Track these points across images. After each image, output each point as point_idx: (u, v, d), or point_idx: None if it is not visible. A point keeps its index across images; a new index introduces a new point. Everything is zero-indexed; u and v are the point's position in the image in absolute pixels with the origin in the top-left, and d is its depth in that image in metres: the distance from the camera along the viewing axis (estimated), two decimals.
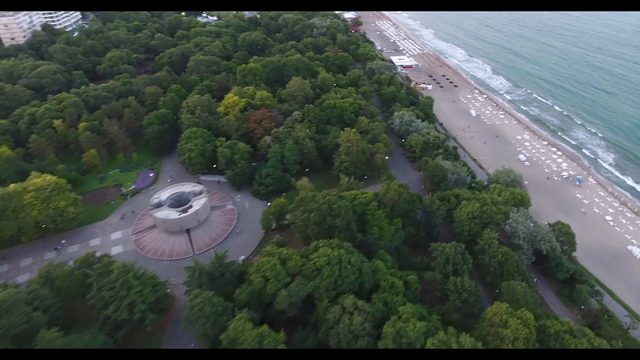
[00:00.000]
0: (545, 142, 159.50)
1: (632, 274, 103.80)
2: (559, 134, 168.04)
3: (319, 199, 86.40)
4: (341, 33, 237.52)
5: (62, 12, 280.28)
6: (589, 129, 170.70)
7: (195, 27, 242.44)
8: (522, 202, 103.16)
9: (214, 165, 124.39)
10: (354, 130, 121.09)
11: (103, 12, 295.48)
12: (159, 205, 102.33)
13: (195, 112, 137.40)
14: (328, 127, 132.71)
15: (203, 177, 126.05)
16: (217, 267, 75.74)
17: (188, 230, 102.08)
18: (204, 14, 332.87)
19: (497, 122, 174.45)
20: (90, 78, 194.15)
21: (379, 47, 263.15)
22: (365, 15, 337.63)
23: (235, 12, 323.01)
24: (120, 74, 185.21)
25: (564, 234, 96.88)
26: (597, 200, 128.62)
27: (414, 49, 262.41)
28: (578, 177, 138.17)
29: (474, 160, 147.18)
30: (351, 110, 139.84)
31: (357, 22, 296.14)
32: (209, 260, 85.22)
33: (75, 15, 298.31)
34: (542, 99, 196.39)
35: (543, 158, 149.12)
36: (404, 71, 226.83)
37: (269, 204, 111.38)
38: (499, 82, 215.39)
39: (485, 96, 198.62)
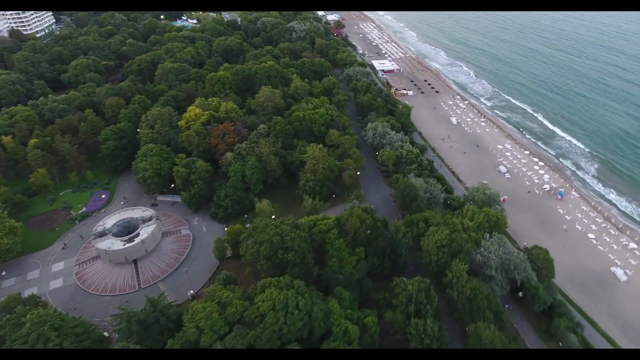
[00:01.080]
0: (527, 152, 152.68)
1: (615, 298, 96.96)
2: (541, 143, 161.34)
3: (270, 230, 78.51)
4: (321, 37, 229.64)
5: (34, 16, 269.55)
6: (571, 137, 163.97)
7: (170, 32, 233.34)
8: (497, 224, 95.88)
9: (172, 185, 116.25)
10: (320, 146, 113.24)
11: (79, 16, 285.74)
12: (102, 234, 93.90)
13: (155, 127, 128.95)
14: (295, 141, 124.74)
15: (161, 198, 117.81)
16: (151, 312, 67.63)
17: (136, 261, 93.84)
18: (184, 17, 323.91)
19: (479, 131, 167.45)
20: (55, 88, 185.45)
21: (360, 51, 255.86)
22: (349, 17, 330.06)
23: (214, 14, 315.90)
24: (85, 83, 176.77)
25: (542, 260, 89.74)
26: (579, 215, 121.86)
27: (396, 52, 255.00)
28: (560, 190, 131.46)
29: (453, 172, 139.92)
30: (321, 122, 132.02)
31: (339, 25, 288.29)
32: (157, 294, 77.64)
33: (48, 19, 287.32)
34: (523, 106, 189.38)
35: (524, 169, 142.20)
36: (385, 76, 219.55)
37: (226, 228, 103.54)
38: (481, 87, 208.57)
39: (467, 102, 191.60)
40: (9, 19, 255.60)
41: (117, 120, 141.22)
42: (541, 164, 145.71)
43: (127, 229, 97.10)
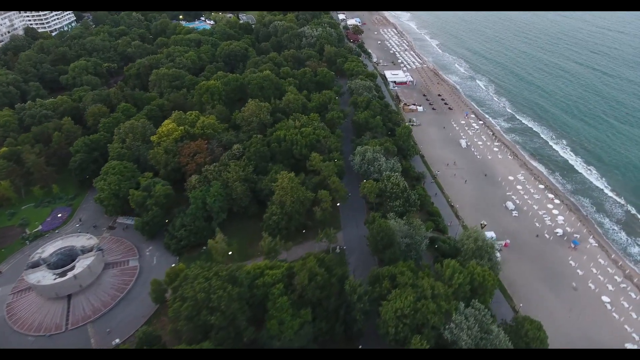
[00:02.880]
0: (541, 186, 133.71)
1: None
2: (559, 175, 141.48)
3: (197, 285, 67.38)
4: (332, 44, 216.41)
5: (53, 14, 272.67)
6: (596, 173, 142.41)
7: (179, 34, 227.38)
8: (484, 286, 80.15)
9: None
10: (290, 175, 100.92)
11: (97, 15, 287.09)
12: (36, 264, 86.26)
13: (126, 141, 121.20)
14: (270, 165, 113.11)
15: (121, 220, 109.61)
16: None
17: (70, 296, 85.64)
18: (202, 17, 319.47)
19: (489, 157, 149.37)
20: (55, 89, 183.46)
21: (375, 59, 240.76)
22: (370, 22, 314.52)
23: (231, 16, 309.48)
24: (82, 86, 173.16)
25: (532, 339, 73.59)
26: (594, 271, 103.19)
27: (413, 62, 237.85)
28: (575, 236, 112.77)
29: (451, 206, 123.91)
30: (304, 143, 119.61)
31: (356, 30, 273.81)
32: (83, 339, 68.54)
33: (68, 16, 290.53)
34: (544, 131, 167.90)
35: (536, 207, 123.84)
36: (396, 88, 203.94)
37: (176, 263, 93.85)
38: (500, 106, 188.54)
39: (481, 123, 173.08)
40: (27, 16, 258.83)
41: (97, 129, 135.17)
42: (556, 201, 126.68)
43: (69, 258, 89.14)
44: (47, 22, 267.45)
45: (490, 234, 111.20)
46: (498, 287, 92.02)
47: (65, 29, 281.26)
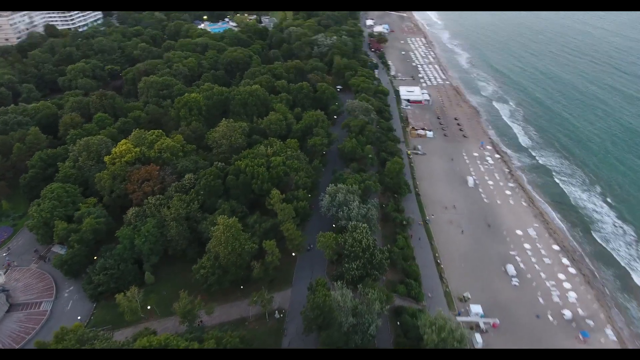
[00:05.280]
0: (556, 247, 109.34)
1: None
2: (582, 232, 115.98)
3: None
4: (344, 55, 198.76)
5: (77, 11, 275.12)
6: (633, 235, 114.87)
7: (189, 38, 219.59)
8: None
9: None
10: (229, 221, 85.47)
11: (122, 13, 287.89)
12: None
13: (79, 159, 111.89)
14: (220, 202, 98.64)
15: (56, 249, 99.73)
16: None
17: None
18: (227, 19, 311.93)
19: (499, 201, 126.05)
20: (53, 91, 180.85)
21: (393, 72, 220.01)
22: (399, 30, 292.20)
23: (252, 18, 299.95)
24: (75, 89, 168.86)
25: None
26: None
27: (435, 77, 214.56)
28: (587, 322, 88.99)
29: (437, 263, 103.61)
30: (267, 177, 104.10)
31: (380, 39, 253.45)
32: None
33: (95, 14, 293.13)
34: (576, 173, 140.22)
35: (543, 276, 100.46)
36: (409, 107, 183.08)
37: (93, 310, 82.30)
38: (525, 138, 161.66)
39: (498, 157, 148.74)
40: (50, 13, 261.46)
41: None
42: (572, 271, 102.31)
43: None
44: (72, 20, 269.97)
45: (475, 309, 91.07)
46: None
47: (89, 26, 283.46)
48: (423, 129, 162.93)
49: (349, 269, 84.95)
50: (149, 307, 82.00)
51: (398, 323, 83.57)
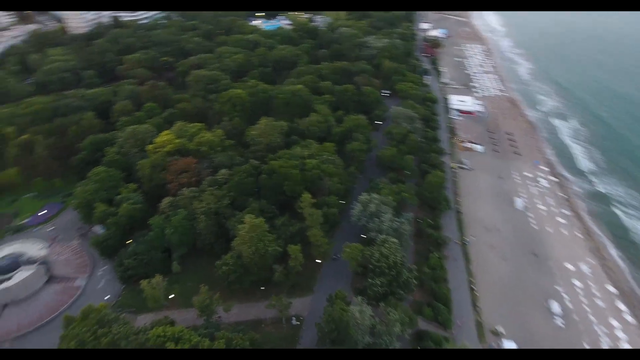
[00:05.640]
0: (612, 289, 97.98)
1: None
2: None
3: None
4: (394, 58, 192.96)
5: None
6: None
7: (241, 34, 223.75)
8: None
9: None
10: (259, 220, 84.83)
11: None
12: None
13: (124, 146, 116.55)
14: (250, 200, 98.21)
15: (96, 229, 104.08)
16: None
17: (6, 305, 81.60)
18: (283, 16, 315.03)
19: (550, 229, 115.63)
20: (113, 79, 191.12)
21: (445, 79, 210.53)
22: (457, 35, 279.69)
23: (307, 17, 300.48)
24: (132, 78, 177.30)
25: None
26: None
27: (491, 87, 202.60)
28: None
29: (472, 289, 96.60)
30: (299, 179, 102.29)
31: (435, 44, 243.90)
32: None
33: None
34: None
35: (594, 319, 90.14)
36: (459, 117, 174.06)
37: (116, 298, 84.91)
38: (588, 161, 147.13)
39: (553, 179, 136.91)
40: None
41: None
42: (628, 319, 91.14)
43: (13, 265, 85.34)
44: (136, 12, 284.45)
45: (509, 345, 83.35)
46: None
47: (152, 19, 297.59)
48: (472, 142, 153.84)
49: (372, 284, 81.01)
50: (171, 296, 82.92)
51: (419, 349, 78.47)
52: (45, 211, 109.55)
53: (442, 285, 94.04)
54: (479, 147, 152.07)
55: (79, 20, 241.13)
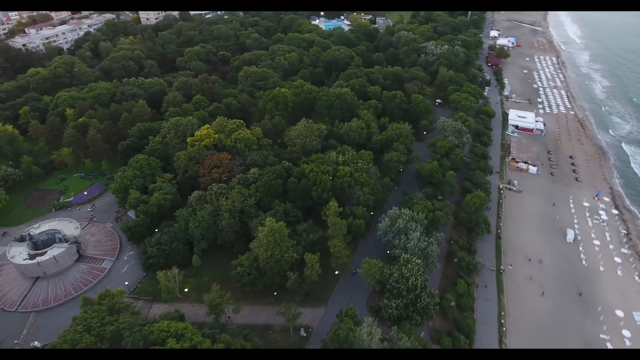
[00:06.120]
0: None
1: None
2: None
3: (71, 333, 58.17)
4: (452, 66, 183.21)
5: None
6: None
7: (298, 33, 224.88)
8: None
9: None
10: (279, 224, 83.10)
11: None
12: (23, 239, 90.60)
13: (167, 136, 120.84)
14: (277, 202, 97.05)
15: (131, 213, 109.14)
16: None
17: (37, 279, 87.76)
18: (342, 17, 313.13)
19: (602, 268, 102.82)
20: (173, 69, 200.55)
21: (507, 92, 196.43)
22: (529, 45, 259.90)
23: (367, 18, 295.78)
24: (188, 70, 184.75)
25: None
26: None
27: (558, 104, 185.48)
28: None
29: (501, 324, 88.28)
30: (328, 186, 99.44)
31: (501, 53, 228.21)
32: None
33: None
34: None
35: None
36: (515, 134, 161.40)
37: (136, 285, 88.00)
38: None
39: (616, 212, 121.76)
40: None
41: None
42: None
43: (50, 242, 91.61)
44: None
45: None
46: None
47: (219, 13, 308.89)
48: (526, 162, 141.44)
49: (387, 305, 76.38)
50: (186, 290, 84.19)
51: (419, 349, 72.56)
52: (86, 193, 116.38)
53: (467, 314, 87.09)
54: (532, 169, 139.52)
55: (150, 12, 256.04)
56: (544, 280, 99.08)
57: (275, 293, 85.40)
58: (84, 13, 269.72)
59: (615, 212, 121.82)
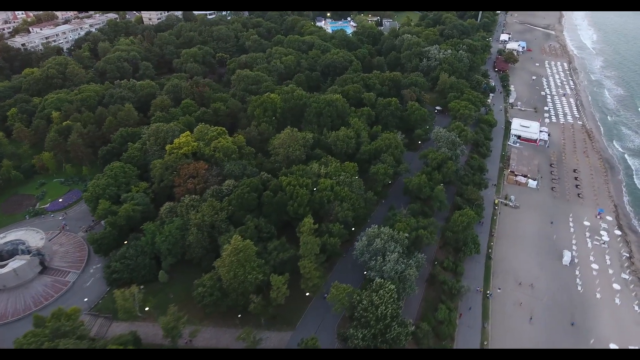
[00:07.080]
0: None
1: None
2: None
3: None
4: (455, 72, 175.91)
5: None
6: None
7: (300, 34, 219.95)
8: None
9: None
10: (245, 242, 78.39)
11: None
12: None
13: (147, 143, 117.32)
14: (249, 217, 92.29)
15: (104, 222, 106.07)
16: None
17: None
18: (348, 18, 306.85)
19: (599, 295, 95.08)
20: (170, 70, 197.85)
21: (512, 99, 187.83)
22: (540, 49, 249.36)
23: (373, 20, 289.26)
24: (184, 72, 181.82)
25: None
26: None
27: (566, 114, 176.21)
28: None
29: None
30: (305, 201, 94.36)
31: (509, 58, 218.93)
32: None
33: None
34: None
35: None
36: (517, 144, 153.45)
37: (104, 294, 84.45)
38: None
39: (619, 233, 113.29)
40: None
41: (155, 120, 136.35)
42: None
43: (12, 253, 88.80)
44: None
45: None
46: None
47: (223, 13, 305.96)
48: (525, 175, 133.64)
49: (353, 336, 70.89)
50: (147, 309, 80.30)
51: (419, 349, 67.05)
52: (62, 200, 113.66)
53: (445, 344, 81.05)
54: (532, 183, 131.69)
55: (152, 12, 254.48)
56: (535, 307, 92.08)
57: (239, 315, 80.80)
58: (89, 12, 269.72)
59: (618, 232, 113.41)
